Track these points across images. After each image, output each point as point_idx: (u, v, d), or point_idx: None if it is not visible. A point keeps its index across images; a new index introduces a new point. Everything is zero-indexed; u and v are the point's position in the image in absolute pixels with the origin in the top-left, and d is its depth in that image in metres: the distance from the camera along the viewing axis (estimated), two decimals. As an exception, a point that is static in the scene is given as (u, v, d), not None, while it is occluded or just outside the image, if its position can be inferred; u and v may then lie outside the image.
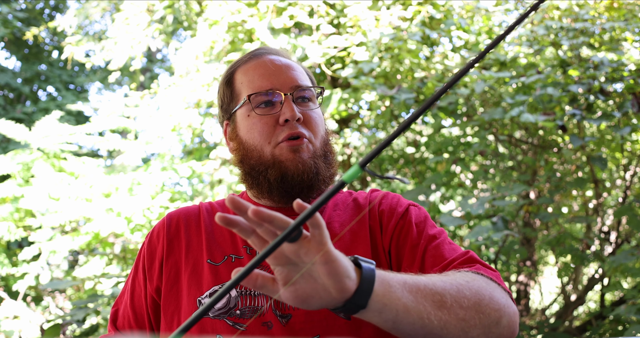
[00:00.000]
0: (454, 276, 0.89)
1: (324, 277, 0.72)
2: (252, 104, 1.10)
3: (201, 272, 1.06)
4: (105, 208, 4.35)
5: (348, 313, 0.77)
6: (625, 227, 3.78)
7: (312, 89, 1.15)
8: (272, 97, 1.10)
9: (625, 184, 3.84)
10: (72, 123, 8.21)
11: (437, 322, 0.79)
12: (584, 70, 3.31)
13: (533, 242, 4.11)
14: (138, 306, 1.14)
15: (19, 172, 4.75)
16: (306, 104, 1.13)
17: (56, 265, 5.30)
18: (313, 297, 0.74)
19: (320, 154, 1.11)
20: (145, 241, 1.18)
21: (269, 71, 1.12)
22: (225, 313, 1.01)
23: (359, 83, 3.56)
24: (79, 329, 2.96)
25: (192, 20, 5.96)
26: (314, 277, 0.73)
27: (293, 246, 0.72)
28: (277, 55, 1.17)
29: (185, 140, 5.48)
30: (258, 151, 1.09)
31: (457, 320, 0.81)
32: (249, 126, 1.11)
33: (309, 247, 0.72)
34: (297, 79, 1.13)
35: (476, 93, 3.45)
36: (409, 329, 0.79)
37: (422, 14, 3.87)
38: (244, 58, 1.18)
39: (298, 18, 3.97)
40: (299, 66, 1.18)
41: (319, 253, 0.71)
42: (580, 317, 4.91)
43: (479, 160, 4.26)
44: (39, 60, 12.11)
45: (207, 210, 1.20)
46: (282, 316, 0.99)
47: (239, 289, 1.02)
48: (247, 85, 1.13)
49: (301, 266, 0.73)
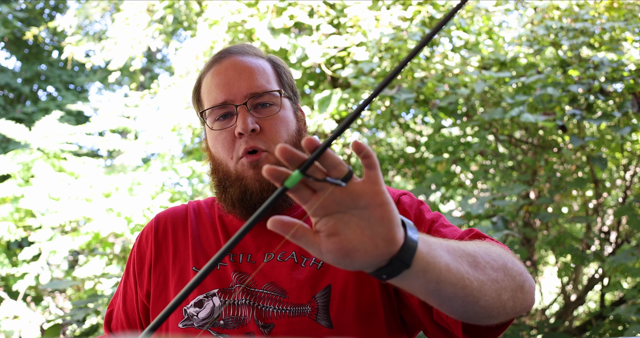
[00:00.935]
0: (474, 242, 0.85)
1: (376, 222, 0.65)
2: (210, 118, 1.10)
3: (187, 280, 1.06)
4: (105, 208, 4.35)
5: (391, 274, 0.69)
6: (625, 227, 3.78)
7: (272, 93, 1.08)
8: (227, 110, 1.07)
9: (625, 184, 3.84)
10: (72, 123, 8.21)
11: (476, 282, 0.75)
12: (584, 70, 3.31)
13: (533, 242, 4.11)
14: (130, 310, 1.15)
15: (19, 172, 4.75)
16: (267, 109, 1.08)
17: (56, 265, 5.30)
18: (358, 250, 0.66)
19: None
20: (135, 244, 1.18)
21: (225, 80, 1.08)
22: (210, 323, 1.00)
23: (359, 83, 3.56)
24: (79, 329, 2.96)
25: (192, 20, 5.96)
26: (362, 226, 0.66)
27: (343, 191, 0.65)
28: (241, 54, 1.12)
29: (185, 140, 5.47)
30: (224, 165, 1.09)
31: (491, 281, 0.77)
32: (212, 140, 1.11)
33: (363, 189, 0.65)
34: (253, 85, 1.07)
35: (476, 93, 3.45)
36: (450, 291, 0.73)
37: (422, 14, 3.87)
38: (208, 63, 1.15)
39: (298, 18, 3.97)
40: (262, 65, 1.12)
41: (375, 193, 0.65)
42: (580, 317, 4.91)
43: (479, 160, 4.26)
44: (39, 60, 12.11)
45: (195, 211, 1.18)
46: (265, 326, 0.98)
47: (222, 298, 1.02)
48: (206, 97, 1.11)
49: (350, 213, 0.66)
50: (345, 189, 0.65)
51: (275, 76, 1.13)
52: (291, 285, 1.01)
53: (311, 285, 1.01)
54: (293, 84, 1.18)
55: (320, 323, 0.98)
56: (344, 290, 1.00)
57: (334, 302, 0.99)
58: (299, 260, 1.05)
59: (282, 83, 1.13)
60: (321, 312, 0.99)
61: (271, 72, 1.13)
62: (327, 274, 1.02)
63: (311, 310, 0.99)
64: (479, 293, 0.75)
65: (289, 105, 1.13)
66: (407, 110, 4.32)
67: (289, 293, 1.01)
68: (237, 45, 1.16)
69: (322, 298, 1.00)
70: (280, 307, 1.00)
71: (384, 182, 0.76)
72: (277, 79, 1.13)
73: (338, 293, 1.00)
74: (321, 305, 1.00)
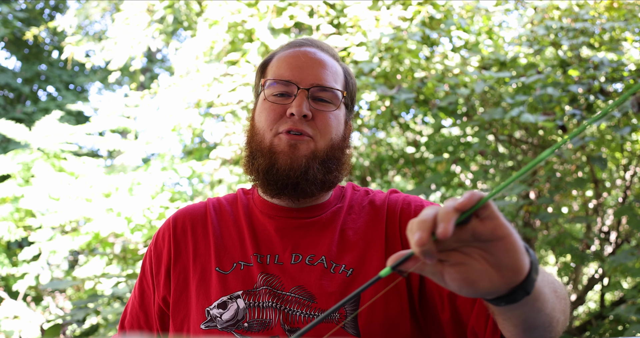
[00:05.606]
0: None
1: (500, 255, 0.64)
2: (269, 90, 1.09)
3: (209, 281, 1.04)
4: (105, 208, 4.34)
5: (512, 301, 0.68)
6: (625, 227, 3.78)
7: (336, 91, 1.09)
8: (288, 89, 1.07)
9: (625, 184, 3.84)
10: (72, 123, 8.20)
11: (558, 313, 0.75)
12: (584, 70, 3.31)
13: (533, 242, 4.10)
14: (148, 307, 1.13)
15: (19, 172, 4.75)
16: (325, 104, 1.08)
17: (56, 265, 5.30)
18: (482, 280, 0.64)
19: (322, 156, 1.06)
20: (151, 244, 1.15)
21: (298, 63, 1.09)
22: (233, 325, 0.98)
23: (359, 83, 3.56)
24: (79, 329, 2.96)
25: (192, 20, 5.96)
26: (486, 257, 0.65)
27: (463, 230, 0.64)
28: (318, 48, 1.13)
29: (185, 140, 5.47)
30: (260, 136, 1.07)
31: (561, 311, 0.77)
32: (260, 109, 1.10)
33: (484, 225, 0.64)
34: (321, 77, 1.08)
35: (476, 93, 3.45)
36: (542, 320, 0.73)
37: (422, 14, 3.87)
38: (287, 44, 1.16)
39: (298, 18, 3.97)
40: (336, 66, 1.13)
41: (495, 228, 0.64)
42: (580, 317, 4.91)
43: (479, 160, 4.26)
44: (39, 60, 12.11)
45: (215, 208, 1.16)
46: (291, 330, 0.97)
47: (247, 301, 1.00)
48: (273, 71, 1.11)
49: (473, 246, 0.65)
50: (466, 228, 0.64)
51: (344, 81, 1.14)
52: (320, 291, 0.99)
53: (340, 292, 0.99)
54: (354, 97, 1.19)
55: (347, 331, 0.96)
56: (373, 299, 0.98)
57: (363, 311, 0.97)
58: (328, 265, 1.03)
59: (346, 90, 1.14)
60: (349, 320, 0.97)
61: (341, 75, 1.14)
62: (356, 282, 1.00)
63: (339, 317, 0.98)
64: (557, 324, 0.76)
65: (344, 111, 1.14)
66: (407, 110, 4.31)
67: (318, 299, 0.99)
68: (318, 41, 1.17)
69: (351, 306, 0.99)
70: (307, 312, 0.98)
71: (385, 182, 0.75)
72: (344, 84, 1.14)
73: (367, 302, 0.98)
74: (350, 312, 0.98)
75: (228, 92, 4.12)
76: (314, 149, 1.05)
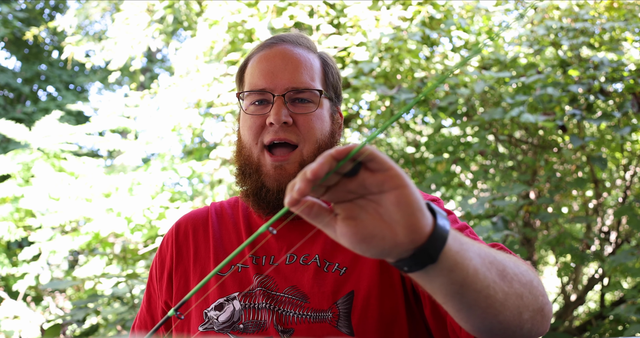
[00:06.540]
0: (504, 253, 0.79)
1: (392, 207, 0.59)
2: (247, 101, 1.08)
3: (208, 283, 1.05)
4: (105, 208, 4.35)
5: (412, 267, 0.63)
6: (625, 227, 3.78)
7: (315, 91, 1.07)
8: (264, 97, 1.06)
9: (625, 184, 3.84)
10: (72, 123, 8.20)
11: (501, 293, 0.69)
12: (584, 70, 3.31)
13: (533, 242, 4.10)
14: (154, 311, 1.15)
15: (19, 172, 4.75)
16: (304, 105, 1.06)
17: (56, 265, 5.30)
18: (375, 236, 0.60)
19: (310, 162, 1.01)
20: (157, 250, 1.18)
21: (270, 68, 1.06)
22: (229, 327, 0.99)
23: (359, 83, 3.56)
24: (79, 329, 2.96)
25: (192, 20, 5.96)
26: (380, 211, 0.60)
27: (354, 181, 0.61)
28: (293, 45, 1.10)
29: (185, 140, 5.48)
30: (248, 149, 1.08)
31: (515, 295, 0.72)
32: (243, 122, 1.10)
33: (374, 176, 0.60)
34: (296, 79, 1.05)
35: (476, 93, 3.44)
36: (473, 298, 0.68)
37: (422, 14, 3.87)
38: (260, 45, 1.13)
39: (298, 18, 3.97)
40: (311, 60, 1.09)
41: (388, 178, 0.60)
42: (580, 316, 4.91)
43: (479, 160, 4.26)
44: (39, 60, 12.11)
45: (217, 212, 1.17)
46: (284, 331, 0.97)
47: (242, 302, 1.00)
48: (248, 80, 1.10)
49: (367, 198, 0.61)
50: (355, 179, 0.61)
51: (322, 74, 1.11)
52: (313, 290, 0.99)
53: (333, 291, 0.98)
54: (338, 86, 1.15)
55: (341, 330, 0.96)
56: (366, 297, 0.97)
57: (356, 309, 0.97)
58: (321, 264, 1.02)
59: (326, 83, 1.12)
60: (342, 319, 0.97)
61: (318, 69, 1.11)
62: (350, 280, 1.00)
63: (332, 316, 0.97)
64: (501, 306, 0.70)
65: (327, 105, 1.11)
66: (407, 110, 4.31)
67: (310, 298, 0.99)
68: (292, 34, 1.14)
69: (344, 305, 0.98)
70: (300, 312, 0.98)
71: None
72: (323, 77, 1.11)
73: (360, 300, 0.97)
74: (343, 311, 0.97)
75: (228, 92, 4.13)
76: (301, 161, 1.04)
